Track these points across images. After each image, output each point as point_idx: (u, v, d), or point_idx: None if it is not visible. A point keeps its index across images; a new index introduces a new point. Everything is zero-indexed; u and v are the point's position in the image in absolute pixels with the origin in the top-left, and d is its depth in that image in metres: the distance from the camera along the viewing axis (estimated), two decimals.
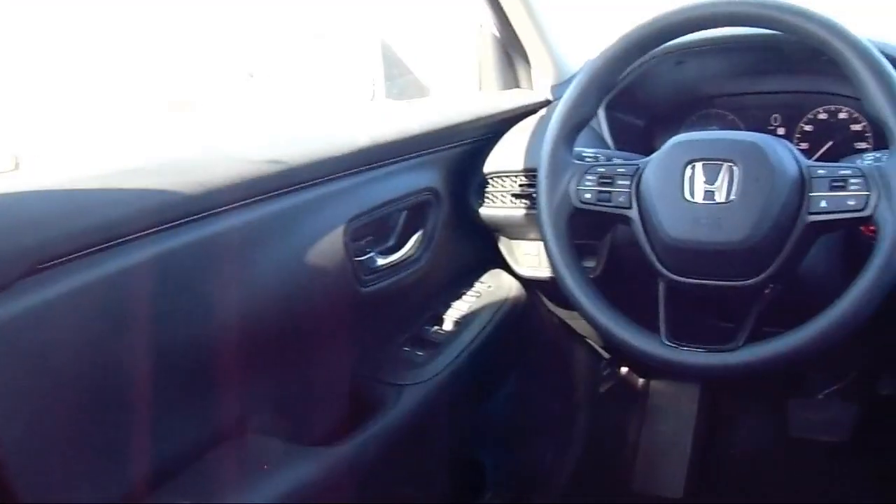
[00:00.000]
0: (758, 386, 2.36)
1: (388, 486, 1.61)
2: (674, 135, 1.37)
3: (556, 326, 2.04)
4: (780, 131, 1.77)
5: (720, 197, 1.25)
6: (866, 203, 1.18)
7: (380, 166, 1.54)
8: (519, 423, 2.08)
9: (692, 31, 1.36)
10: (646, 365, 2.07)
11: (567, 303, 1.40)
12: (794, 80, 1.77)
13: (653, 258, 1.32)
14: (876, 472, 2.25)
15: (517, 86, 1.99)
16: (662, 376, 2.43)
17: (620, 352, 1.66)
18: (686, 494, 2.34)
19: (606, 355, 2.26)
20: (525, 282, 1.84)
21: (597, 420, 2.28)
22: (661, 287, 1.33)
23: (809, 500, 2.22)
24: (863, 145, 1.70)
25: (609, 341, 1.40)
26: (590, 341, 2.16)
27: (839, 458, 2.32)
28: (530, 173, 1.62)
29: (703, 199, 1.26)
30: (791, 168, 1.25)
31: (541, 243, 1.45)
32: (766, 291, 1.29)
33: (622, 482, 2.39)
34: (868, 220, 1.19)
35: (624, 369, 2.40)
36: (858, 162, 1.26)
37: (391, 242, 1.61)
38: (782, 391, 2.37)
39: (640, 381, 2.47)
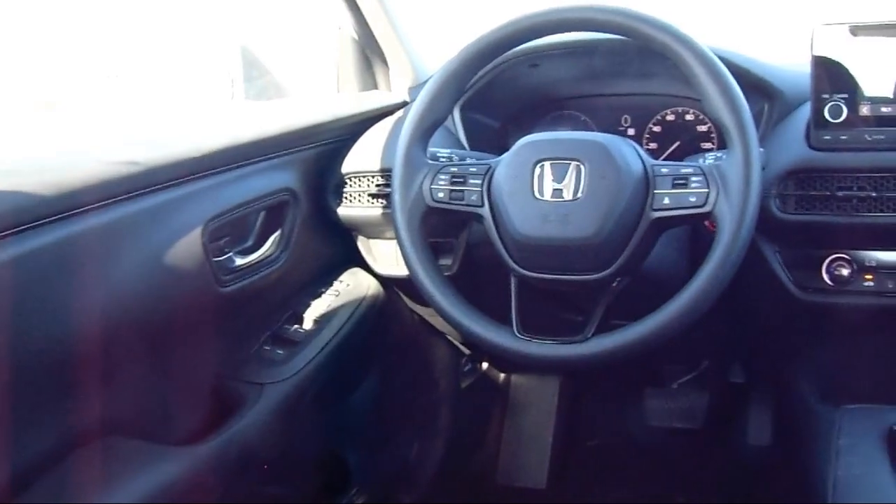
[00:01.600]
0: (615, 378, 2.44)
1: (251, 485, 1.62)
2: (527, 135, 1.41)
3: (415, 324, 2.07)
4: (631, 132, 1.84)
5: (568, 195, 1.29)
6: (706, 199, 1.25)
7: (238, 167, 1.54)
8: (382, 420, 2.10)
9: (542, 36, 1.41)
10: (503, 359, 2.13)
11: (424, 300, 1.43)
12: (644, 83, 1.84)
13: (504, 254, 1.35)
14: (729, 455, 2.35)
15: (375, 87, 2.01)
16: (523, 370, 2.49)
17: (478, 347, 1.70)
18: (549, 484, 2.40)
19: (467, 351, 2.30)
20: (384, 280, 1.86)
21: (459, 415, 2.31)
22: (513, 282, 1.37)
23: (668, 485, 2.32)
24: (708, 145, 1.79)
25: (464, 336, 1.44)
26: (450, 338, 2.19)
27: (695, 443, 2.41)
28: (386, 173, 1.64)
29: (552, 196, 1.30)
30: (636, 167, 1.30)
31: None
32: (614, 285, 1.34)
33: (486, 475, 2.44)
34: (708, 216, 1.26)
35: (485, 365, 2.45)
36: (700, 161, 1.33)
37: (250, 243, 1.61)
38: (639, 382, 2.45)
39: (502, 375, 2.52)
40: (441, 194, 1.40)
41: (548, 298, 1.49)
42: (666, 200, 1.28)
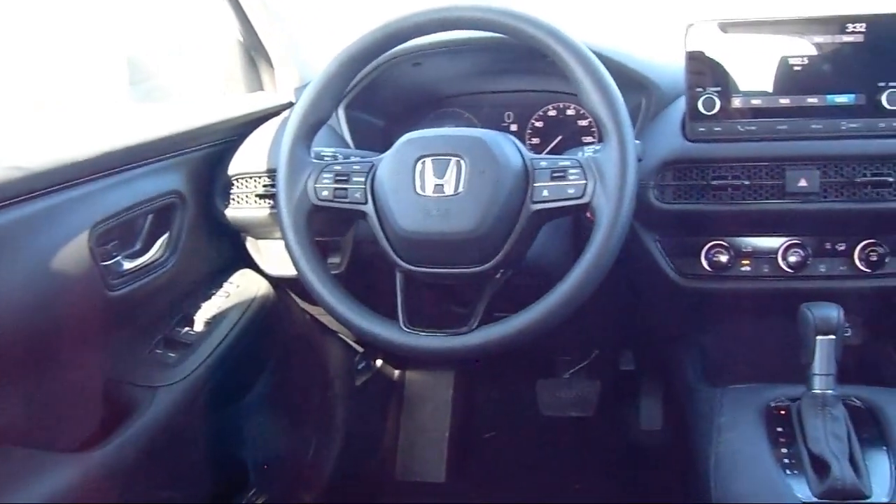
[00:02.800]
0: (509, 370, 2.49)
1: (147, 490, 1.61)
2: (409, 133, 1.43)
3: (307, 323, 2.08)
4: (513, 128, 1.89)
5: (449, 190, 1.32)
6: (584, 191, 1.30)
7: (124, 170, 1.53)
8: (278, 420, 2.10)
9: (422, 35, 1.43)
10: (394, 354, 2.15)
11: (313, 299, 1.44)
12: (526, 79, 1.88)
13: (388, 250, 1.38)
14: (622, 441, 2.42)
15: (261, 89, 2.02)
16: (415, 366, 2.52)
17: (369, 343, 1.72)
18: (448, 478, 2.44)
19: (360, 349, 2.32)
20: (274, 280, 1.87)
21: (356, 412, 2.33)
22: (398, 277, 1.40)
23: (564, 473, 2.37)
24: (589, 139, 1.84)
25: (351, 331, 1.46)
26: (343, 336, 2.21)
27: (588, 430, 2.48)
28: (273, 174, 1.65)
29: (433, 192, 1.33)
30: (515, 161, 1.34)
31: None
32: (497, 277, 1.37)
33: (385, 471, 2.46)
34: (587, 207, 1.30)
35: (379, 362, 2.47)
36: (579, 154, 1.36)
37: (138, 246, 1.60)
38: (532, 373, 2.50)
39: (396, 372, 2.54)
40: (326, 193, 1.41)
41: (434, 292, 1.52)
42: (545, 193, 1.32)
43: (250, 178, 1.72)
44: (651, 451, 2.38)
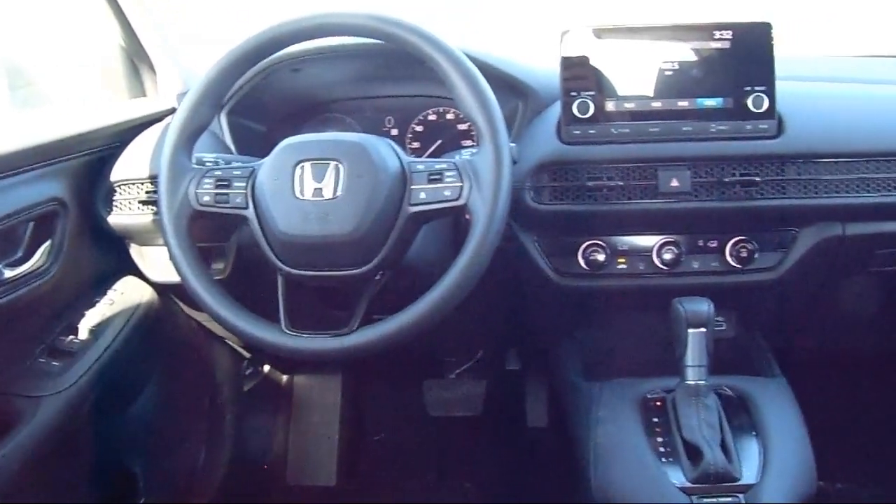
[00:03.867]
0: (395, 372, 2.51)
1: (34, 501, 1.59)
2: (288, 138, 1.45)
3: (193, 330, 2.07)
4: (394, 132, 1.92)
5: (328, 193, 1.34)
6: (460, 193, 1.33)
7: (3, 178, 1.51)
8: (166, 428, 2.09)
9: (301, 41, 1.45)
10: (280, 359, 2.16)
11: (198, 304, 1.45)
12: (406, 85, 1.91)
13: (269, 254, 1.39)
14: (509, 439, 2.46)
15: (144, 95, 2.00)
16: (304, 371, 2.53)
17: (253, 346, 1.73)
18: (339, 481, 2.46)
19: (247, 354, 2.32)
20: (159, 287, 1.86)
21: (245, 419, 2.33)
22: (280, 280, 1.41)
23: (454, 472, 2.41)
24: (468, 143, 1.88)
25: (234, 335, 1.46)
26: (229, 342, 2.21)
27: (476, 430, 2.52)
28: (155, 180, 1.62)
29: (312, 196, 1.35)
30: (393, 164, 1.37)
31: None
32: (377, 278, 1.41)
33: (276, 476, 2.46)
34: (462, 208, 1.34)
35: (266, 367, 2.47)
36: (456, 157, 1.40)
37: (19, 254, 1.57)
38: (419, 375, 2.53)
39: (284, 377, 2.55)
40: (207, 198, 1.42)
41: (316, 294, 1.54)
42: (422, 195, 1.35)
43: (132, 184, 1.71)
44: (538, 447, 2.43)
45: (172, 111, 1.91)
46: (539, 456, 2.39)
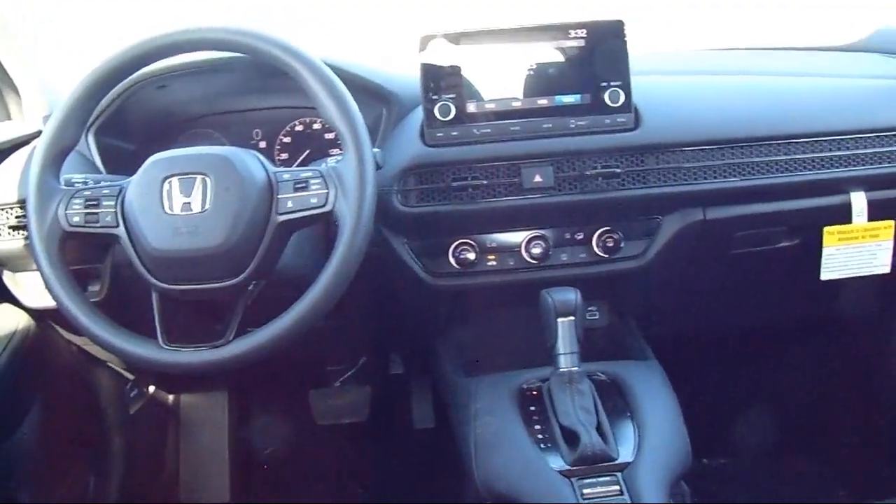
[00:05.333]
0: (280, 383, 2.52)
1: None
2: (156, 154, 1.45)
3: (74, 354, 2.04)
4: (262, 144, 1.93)
5: (196, 207, 1.36)
6: (326, 199, 1.37)
7: None
8: (52, 456, 2.04)
9: (165, 57, 1.47)
10: (164, 378, 2.14)
11: (76, 328, 1.44)
12: (272, 97, 1.93)
13: (142, 270, 1.40)
14: (398, 442, 2.49)
15: (8, 118, 1.96)
16: (189, 389, 2.51)
17: (132, 364, 1.71)
18: (232, 497, 2.45)
19: (130, 376, 2.29)
20: (36, 313, 1.83)
21: (133, 441, 2.29)
22: (154, 296, 1.42)
23: (346, 480, 2.43)
24: (336, 151, 1.89)
25: (112, 353, 1.46)
26: (111, 364, 2.17)
27: (365, 436, 2.55)
28: (24, 204, 1.60)
29: (181, 210, 1.36)
30: (259, 175, 1.39)
31: None
32: (250, 289, 1.43)
33: (169, 497, 2.44)
34: (329, 215, 1.37)
35: (152, 388, 2.44)
36: (322, 165, 1.43)
37: None
38: (303, 385, 2.54)
39: (171, 397, 2.53)
40: (77, 218, 1.41)
41: (192, 308, 1.54)
42: (290, 204, 1.38)
43: (1, 209, 1.68)
44: (426, 448, 2.46)
45: (39, 134, 1.86)
46: (428, 456, 2.42)
